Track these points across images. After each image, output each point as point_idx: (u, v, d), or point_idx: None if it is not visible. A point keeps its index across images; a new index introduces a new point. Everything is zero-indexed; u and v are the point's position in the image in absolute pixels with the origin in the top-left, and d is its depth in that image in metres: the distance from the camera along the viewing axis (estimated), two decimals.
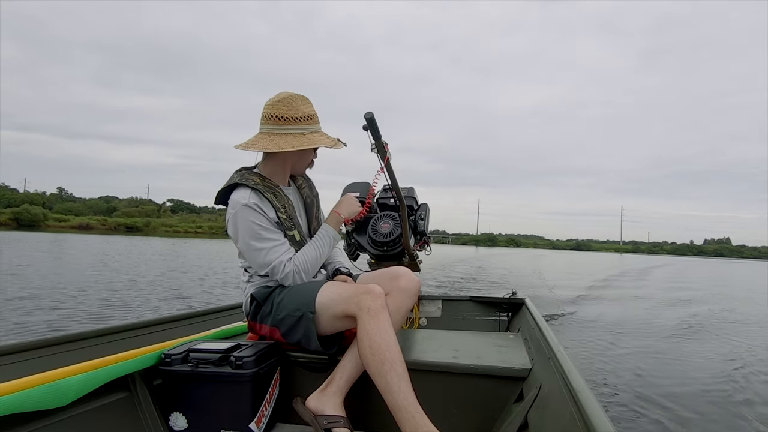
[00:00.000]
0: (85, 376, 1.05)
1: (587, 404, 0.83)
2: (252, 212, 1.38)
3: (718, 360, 3.91)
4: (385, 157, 1.52)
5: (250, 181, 1.42)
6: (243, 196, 1.39)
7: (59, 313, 4.72)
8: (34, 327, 4.08)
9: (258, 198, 1.40)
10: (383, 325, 1.23)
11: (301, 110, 1.43)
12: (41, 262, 10.67)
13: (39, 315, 4.59)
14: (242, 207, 1.37)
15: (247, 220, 1.37)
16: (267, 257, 1.39)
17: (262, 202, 1.40)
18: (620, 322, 5.62)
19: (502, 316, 2.42)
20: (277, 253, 1.40)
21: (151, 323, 1.63)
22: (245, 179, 1.43)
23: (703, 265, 35.77)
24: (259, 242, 1.39)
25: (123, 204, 60.81)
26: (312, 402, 1.32)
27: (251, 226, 1.38)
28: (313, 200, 1.64)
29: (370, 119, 1.36)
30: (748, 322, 6.26)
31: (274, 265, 1.39)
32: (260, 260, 1.40)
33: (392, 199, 2.12)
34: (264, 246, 1.39)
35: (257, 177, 1.46)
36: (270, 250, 1.39)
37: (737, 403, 2.77)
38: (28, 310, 4.79)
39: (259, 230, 1.38)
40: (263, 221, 1.39)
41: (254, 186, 1.41)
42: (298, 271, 1.41)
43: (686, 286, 12.61)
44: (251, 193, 1.40)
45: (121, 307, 5.24)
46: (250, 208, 1.37)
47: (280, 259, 1.40)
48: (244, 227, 1.38)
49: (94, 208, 57.89)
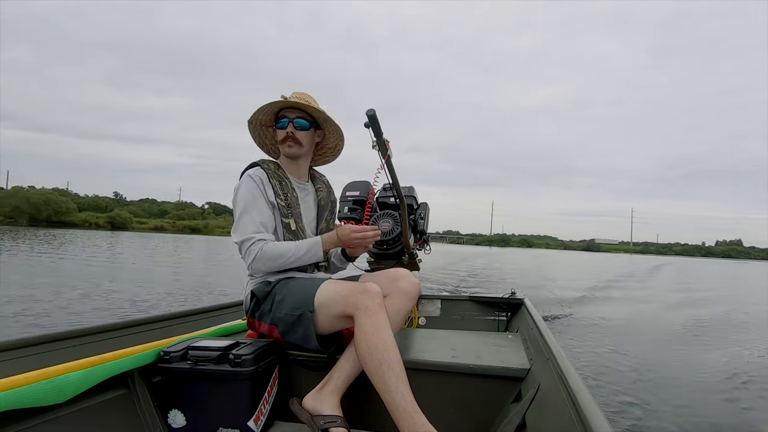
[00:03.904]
0: (83, 373, 1.06)
1: (585, 405, 0.83)
2: (252, 184, 1.48)
3: (718, 360, 3.88)
4: (386, 154, 1.51)
5: (265, 164, 1.56)
6: (252, 171, 1.51)
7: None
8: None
9: (264, 176, 1.51)
10: (381, 324, 1.22)
11: (292, 98, 1.54)
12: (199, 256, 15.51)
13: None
14: (246, 177, 1.50)
15: (246, 189, 1.47)
16: (244, 228, 1.44)
17: (266, 182, 1.50)
18: (620, 323, 5.61)
19: (501, 316, 2.41)
20: (254, 230, 1.44)
21: (150, 320, 1.64)
22: (262, 162, 1.57)
23: (708, 266, 36.29)
24: (245, 212, 1.45)
25: (171, 207, 71.00)
26: (309, 402, 1.31)
27: (247, 195, 1.46)
28: (327, 204, 1.70)
29: (371, 116, 1.36)
30: (747, 323, 6.22)
31: (245, 239, 1.43)
32: (239, 228, 1.45)
33: (392, 198, 2.12)
34: (248, 218, 1.45)
35: (273, 164, 1.59)
36: (251, 223, 1.44)
37: (736, 404, 2.75)
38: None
39: (251, 201, 1.46)
40: (259, 196, 1.47)
41: (266, 168, 1.53)
42: (262, 257, 1.42)
43: (690, 287, 12.55)
44: (259, 169, 1.52)
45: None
46: (252, 180, 1.48)
47: (253, 236, 1.43)
48: (241, 194, 1.47)
49: (148, 210, 65.30)
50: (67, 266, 9.44)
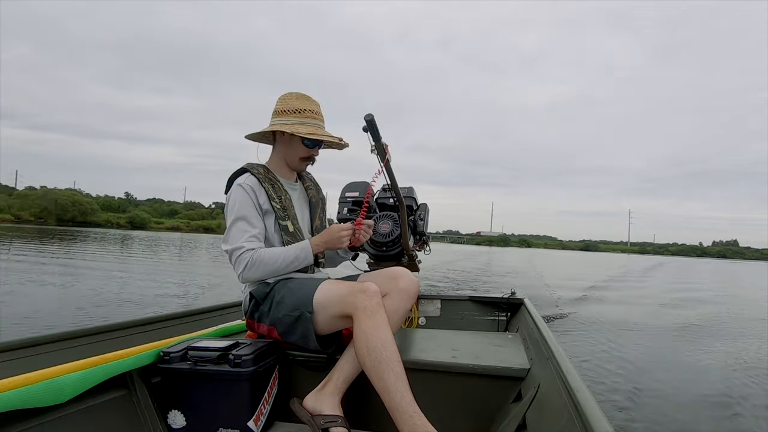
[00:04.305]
0: (83, 374, 1.05)
1: (585, 405, 0.83)
2: (243, 193, 1.46)
3: (717, 361, 3.89)
4: (384, 158, 1.51)
5: (254, 169, 1.53)
6: (241, 179, 1.49)
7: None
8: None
9: (255, 183, 1.49)
10: (379, 323, 1.22)
11: (291, 104, 1.52)
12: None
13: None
14: (236, 186, 1.48)
15: (236, 198, 1.46)
16: (234, 237, 1.43)
17: (257, 188, 1.48)
18: (619, 323, 5.61)
19: (501, 316, 2.41)
20: (244, 239, 1.42)
21: (150, 321, 1.63)
22: (250, 167, 1.54)
23: (701, 265, 36.96)
24: (236, 221, 1.44)
25: (181, 207, 74.47)
26: (309, 402, 1.31)
27: (236, 204, 1.45)
28: (318, 202, 1.70)
29: (369, 121, 1.36)
30: (746, 324, 6.25)
31: (235, 248, 1.41)
32: (228, 237, 1.44)
33: (391, 199, 2.12)
34: (238, 226, 1.43)
35: (262, 168, 1.56)
36: (241, 232, 1.43)
37: (736, 404, 2.75)
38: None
39: (241, 209, 1.44)
40: (249, 205, 1.45)
41: (256, 174, 1.51)
42: (253, 265, 1.40)
43: (685, 287, 12.62)
44: (250, 176, 1.50)
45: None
46: (242, 189, 1.46)
47: (244, 245, 1.41)
48: (232, 204, 1.46)
49: (159, 210, 68.17)
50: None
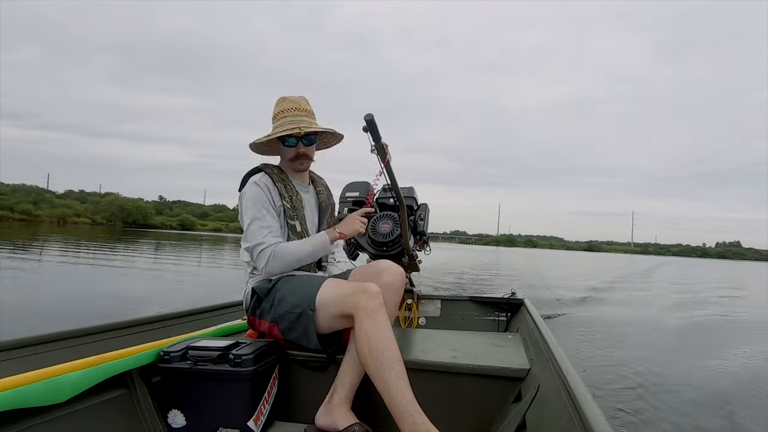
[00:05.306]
0: (83, 373, 1.05)
1: (585, 405, 0.83)
2: (258, 190, 1.50)
3: (717, 361, 3.88)
4: (385, 158, 1.51)
5: (268, 168, 1.58)
6: (256, 177, 1.54)
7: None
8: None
9: (269, 182, 1.53)
10: (381, 324, 1.22)
11: (275, 111, 1.58)
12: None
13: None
14: (251, 184, 1.52)
15: (252, 196, 1.49)
16: (254, 234, 1.45)
17: (271, 187, 1.52)
18: (619, 323, 5.60)
19: (501, 317, 2.41)
20: (263, 235, 1.45)
21: (150, 320, 1.63)
22: (264, 166, 1.59)
23: (701, 265, 37.10)
24: (254, 219, 1.46)
25: (209, 209, 77.67)
26: (321, 419, 1.30)
27: (254, 202, 1.48)
28: (328, 207, 1.73)
29: (369, 121, 1.36)
30: (745, 323, 6.24)
31: (257, 243, 1.44)
32: (249, 234, 1.47)
33: (392, 199, 2.11)
34: (257, 224, 1.46)
35: (276, 168, 1.61)
36: (260, 228, 1.46)
37: (736, 404, 2.75)
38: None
39: (259, 207, 1.48)
40: (265, 202, 1.49)
41: (270, 173, 1.56)
42: (275, 258, 1.44)
43: (684, 288, 12.63)
44: (264, 175, 1.55)
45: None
46: (258, 187, 1.50)
47: (264, 241, 1.44)
48: (248, 202, 1.49)
49: (195, 212, 72.64)
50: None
